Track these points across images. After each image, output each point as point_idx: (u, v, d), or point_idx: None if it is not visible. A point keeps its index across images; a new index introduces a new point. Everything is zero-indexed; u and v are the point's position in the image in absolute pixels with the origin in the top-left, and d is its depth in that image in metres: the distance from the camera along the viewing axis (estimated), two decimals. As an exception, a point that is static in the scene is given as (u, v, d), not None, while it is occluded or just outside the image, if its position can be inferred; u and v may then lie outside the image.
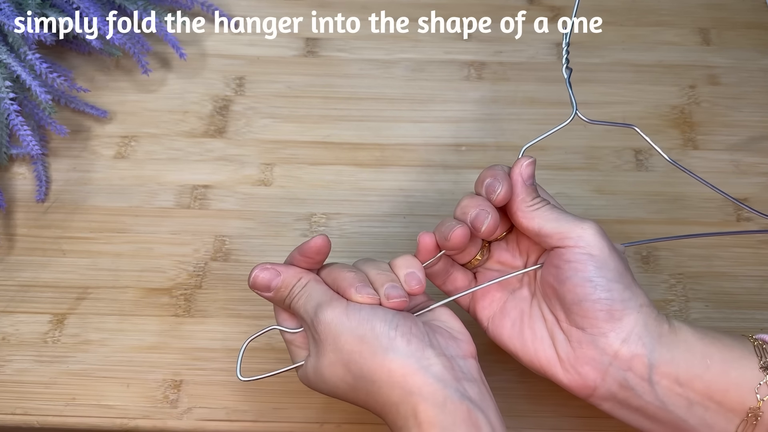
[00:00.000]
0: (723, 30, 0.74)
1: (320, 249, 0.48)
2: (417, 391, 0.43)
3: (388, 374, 0.43)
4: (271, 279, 0.48)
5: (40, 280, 0.60)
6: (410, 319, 0.46)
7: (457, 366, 0.44)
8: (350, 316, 0.45)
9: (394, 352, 0.44)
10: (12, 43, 0.63)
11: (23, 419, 0.55)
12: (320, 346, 0.46)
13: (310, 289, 0.47)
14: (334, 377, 0.45)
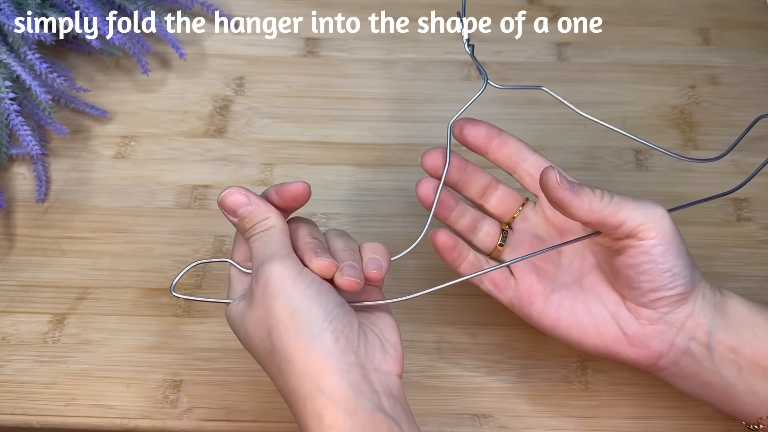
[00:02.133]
0: (723, 30, 0.74)
1: (298, 196, 0.46)
2: (329, 392, 0.41)
3: (305, 362, 0.41)
4: (239, 204, 0.46)
5: (40, 280, 0.60)
6: (349, 318, 0.43)
7: (377, 380, 0.43)
8: (295, 284, 0.43)
9: (319, 343, 0.42)
10: (12, 43, 0.63)
11: (23, 419, 0.55)
12: (254, 297, 0.44)
13: (271, 234, 0.45)
14: (255, 335, 0.44)
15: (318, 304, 0.42)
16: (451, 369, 0.56)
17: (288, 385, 0.42)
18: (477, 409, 0.55)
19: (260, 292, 0.43)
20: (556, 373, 0.56)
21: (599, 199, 0.45)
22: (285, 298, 0.42)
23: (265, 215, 0.46)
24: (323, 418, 0.41)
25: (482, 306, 0.59)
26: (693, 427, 0.54)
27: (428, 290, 0.48)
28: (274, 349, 0.43)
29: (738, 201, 0.64)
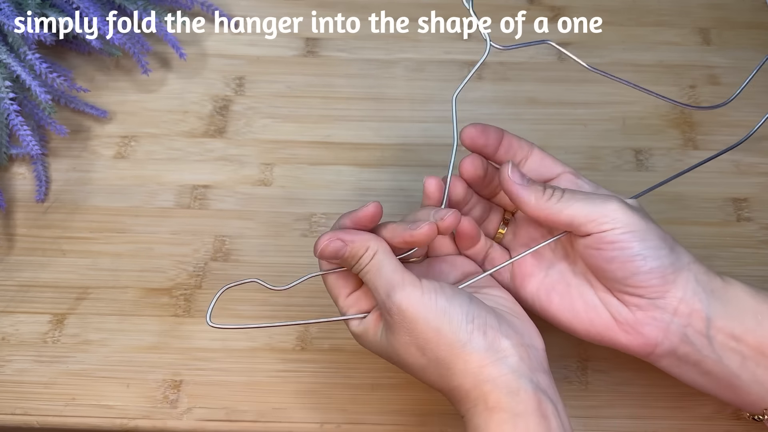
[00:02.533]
0: (723, 30, 0.74)
1: (374, 217, 0.48)
2: (491, 380, 0.43)
3: (464, 365, 0.44)
4: (338, 250, 0.46)
5: (39, 280, 0.60)
6: (484, 308, 0.45)
7: (533, 355, 0.45)
8: (426, 305, 0.44)
9: (472, 346, 0.44)
10: (12, 43, 0.63)
11: (23, 419, 0.55)
12: (393, 326, 0.45)
13: (379, 263, 0.46)
14: (407, 355, 0.45)
15: (455, 312, 0.44)
16: (451, 369, 0.56)
17: (450, 386, 0.45)
18: (477, 409, 0.54)
19: (398, 322, 0.45)
20: (556, 373, 0.56)
21: (546, 197, 0.47)
22: (423, 320, 0.44)
23: (365, 247, 0.46)
24: (488, 401, 0.43)
25: (482, 306, 0.59)
26: (693, 427, 0.54)
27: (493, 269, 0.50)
28: (429, 362, 0.45)
29: (738, 201, 0.64)
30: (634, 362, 0.56)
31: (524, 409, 0.43)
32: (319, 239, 0.47)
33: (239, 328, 0.55)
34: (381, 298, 0.45)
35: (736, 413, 0.54)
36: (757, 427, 0.53)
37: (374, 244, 0.47)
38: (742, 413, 0.49)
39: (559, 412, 0.44)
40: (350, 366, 0.56)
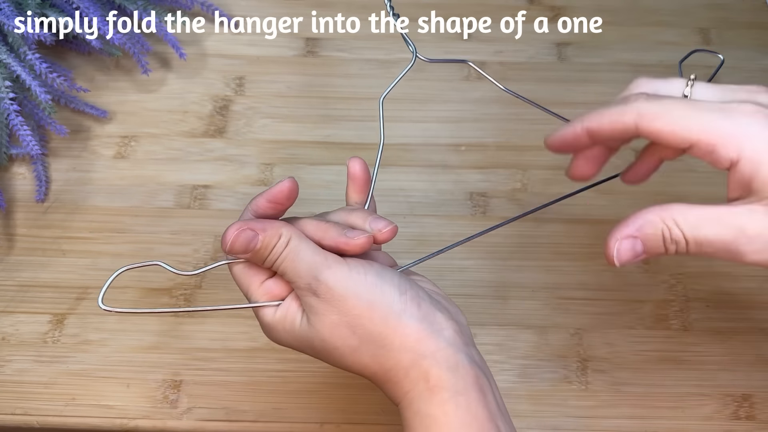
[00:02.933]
0: (723, 30, 0.74)
1: (291, 193, 0.45)
2: (430, 355, 0.42)
3: (401, 339, 0.42)
4: (249, 241, 0.44)
5: (39, 280, 0.60)
6: (414, 283, 0.44)
7: (464, 330, 0.44)
8: (356, 279, 0.43)
9: (408, 317, 0.42)
10: (12, 43, 0.63)
11: (23, 419, 0.55)
12: (318, 308, 0.43)
13: (295, 249, 0.43)
14: (335, 339, 0.43)
15: (386, 284, 0.43)
16: (451, 369, 0.56)
17: (385, 366, 0.43)
18: (477, 409, 0.54)
19: (324, 303, 0.43)
20: (556, 373, 0.56)
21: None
22: (354, 295, 0.42)
23: (277, 234, 0.44)
24: (429, 378, 0.42)
25: (482, 306, 0.59)
26: (693, 427, 0.54)
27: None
28: (361, 342, 0.43)
29: (738, 201, 0.64)
30: (634, 362, 0.56)
31: (464, 386, 0.41)
32: (227, 230, 0.44)
33: (132, 312, 0.50)
34: (305, 282, 0.43)
35: (736, 413, 0.54)
36: (760, 427, 0.53)
37: (287, 231, 0.44)
38: None
39: (492, 387, 0.43)
40: (350, 366, 0.56)
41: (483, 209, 0.64)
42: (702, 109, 0.42)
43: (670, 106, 0.43)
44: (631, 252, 0.43)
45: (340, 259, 0.44)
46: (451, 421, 0.41)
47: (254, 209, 0.46)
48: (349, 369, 0.44)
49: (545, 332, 0.58)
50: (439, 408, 0.41)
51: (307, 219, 0.46)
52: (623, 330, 0.58)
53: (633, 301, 0.59)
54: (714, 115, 0.42)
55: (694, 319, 0.58)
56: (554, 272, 0.60)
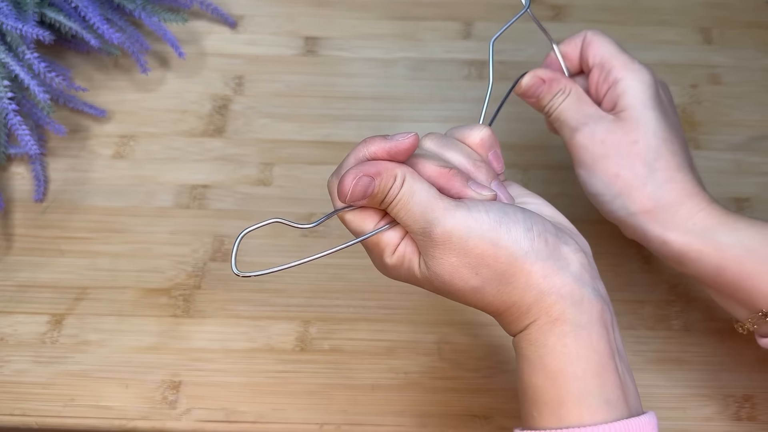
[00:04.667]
0: (724, 29, 0.74)
1: (411, 151, 0.43)
2: (555, 291, 0.41)
3: (527, 277, 0.41)
4: (366, 187, 0.42)
5: (38, 280, 0.60)
6: (539, 216, 0.43)
7: (590, 260, 0.43)
8: (478, 219, 0.41)
9: (536, 255, 0.41)
10: (10, 42, 0.62)
11: (22, 420, 0.54)
12: (436, 253, 0.42)
13: (410, 191, 0.42)
14: (455, 279, 0.42)
15: (511, 221, 0.42)
16: (452, 370, 0.56)
17: (508, 302, 0.42)
18: (477, 409, 0.54)
19: (443, 247, 0.42)
20: (557, 374, 0.56)
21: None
22: (478, 236, 0.41)
23: (393, 176, 0.42)
24: (551, 312, 0.41)
25: (482, 306, 0.59)
26: (694, 427, 0.54)
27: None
28: (484, 281, 0.42)
29: (739, 201, 0.63)
30: (635, 363, 0.56)
31: (588, 320, 0.41)
32: (345, 177, 0.42)
33: (268, 272, 0.44)
34: (419, 226, 0.42)
35: (737, 414, 0.54)
36: (761, 427, 0.53)
37: (401, 172, 0.42)
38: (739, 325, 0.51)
39: (614, 324, 0.42)
40: (350, 367, 0.56)
41: (483, 209, 0.63)
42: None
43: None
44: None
45: (455, 201, 0.42)
46: (570, 351, 0.40)
47: (371, 154, 0.43)
48: (470, 305, 0.44)
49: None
50: (559, 340, 0.41)
51: (427, 161, 0.44)
52: (624, 330, 0.57)
53: (634, 301, 0.59)
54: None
55: (695, 319, 0.58)
56: (555, 272, 0.60)
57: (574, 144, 0.51)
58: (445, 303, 0.59)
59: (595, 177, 0.50)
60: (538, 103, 0.53)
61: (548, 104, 0.53)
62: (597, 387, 0.40)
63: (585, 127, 0.51)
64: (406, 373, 0.56)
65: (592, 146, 0.50)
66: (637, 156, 0.49)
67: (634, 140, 0.49)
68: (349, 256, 0.61)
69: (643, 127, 0.50)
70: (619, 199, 0.50)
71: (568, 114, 0.52)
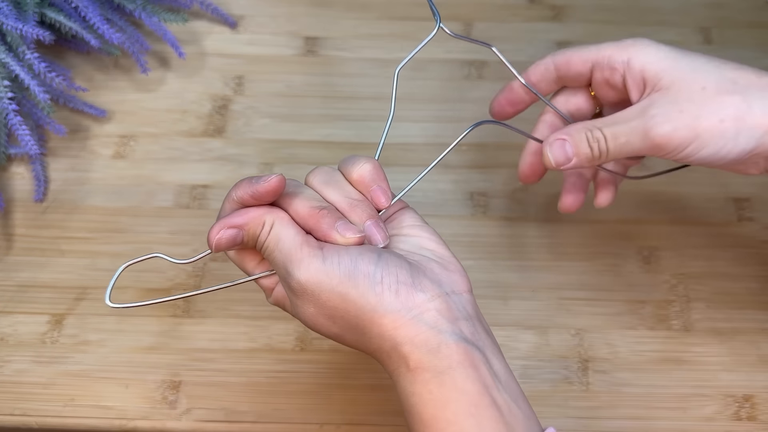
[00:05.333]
0: (724, 29, 0.74)
1: (277, 192, 0.44)
2: (408, 341, 0.41)
3: (378, 328, 0.41)
4: (233, 238, 0.44)
5: (38, 280, 0.60)
6: (395, 263, 0.42)
7: (453, 304, 0.42)
8: (329, 272, 0.42)
9: (384, 308, 0.41)
10: (10, 42, 0.62)
11: (22, 420, 0.54)
12: (297, 298, 0.43)
13: (276, 237, 0.43)
14: (319, 326, 0.43)
15: (361, 274, 0.42)
16: (452, 370, 0.56)
17: (369, 349, 0.43)
18: (477, 410, 0.54)
19: (301, 297, 0.43)
20: (557, 374, 0.56)
21: (596, 156, 0.48)
22: (327, 289, 0.42)
23: (260, 223, 0.44)
24: (408, 362, 0.41)
25: (482, 306, 0.58)
26: (693, 427, 0.54)
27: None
28: (342, 329, 0.43)
29: (740, 201, 0.63)
30: (634, 363, 0.56)
31: (448, 365, 0.40)
32: (210, 231, 0.44)
33: (137, 306, 0.49)
34: (281, 274, 0.43)
35: (737, 414, 0.54)
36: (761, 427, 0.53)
37: (270, 217, 0.44)
38: None
39: (488, 358, 0.41)
40: (350, 367, 0.56)
41: (484, 209, 0.64)
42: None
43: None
44: (562, 151, 0.48)
45: (315, 250, 0.43)
46: (436, 398, 0.40)
47: (238, 199, 0.45)
48: (342, 343, 0.45)
49: (546, 333, 0.58)
50: (423, 387, 0.41)
51: (303, 200, 0.45)
52: (624, 330, 0.57)
53: (634, 301, 0.59)
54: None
55: (695, 319, 0.58)
56: (554, 272, 0.60)
57: (657, 144, 0.46)
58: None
59: (702, 141, 0.45)
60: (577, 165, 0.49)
61: (593, 153, 0.48)
62: (474, 427, 0.40)
63: (652, 121, 0.46)
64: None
65: (676, 124, 0.45)
66: (718, 92, 0.45)
67: (702, 86, 0.46)
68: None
69: (697, 71, 0.46)
70: (741, 135, 0.45)
71: (622, 129, 0.47)
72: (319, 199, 0.45)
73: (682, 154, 0.46)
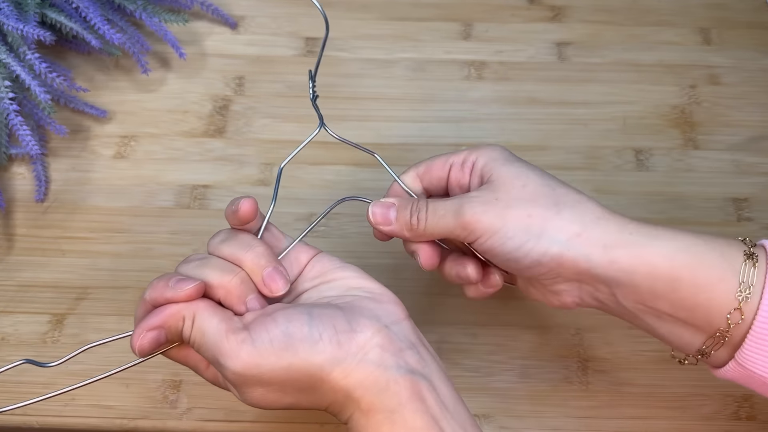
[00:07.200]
0: (723, 30, 0.74)
1: (192, 299, 0.43)
2: (359, 385, 0.41)
3: (329, 383, 0.41)
4: (155, 340, 0.44)
5: (39, 280, 0.60)
6: (328, 315, 0.42)
7: (394, 335, 0.42)
8: (263, 353, 0.41)
9: (330, 363, 0.41)
10: (11, 42, 0.63)
11: (23, 419, 0.55)
12: (240, 387, 0.43)
13: (200, 331, 0.43)
14: (271, 403, 0.43)
15: (296, 342, 0.41)
16: (452, 369, 0.56)
17: (323, 404, 0.43)
18: (477, 409, 0.54)
19: (243, 385, 0.42)
20: (557, 374, 0.56)
21: (414, 227, 0.48)
22: (269, 369, 0.41)
23: (179, 319, 0.43)
24: (361, 406, 0.41)
25: (482, 306, 0.59)
26: (693, 427, 0.54)
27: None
28: (295, 396, 0.43)
29: (738, 201, 0.64)
30: (634, 362, 0.56)
31: (398, 402, 0.41)
32: (131, 338, 0.44)
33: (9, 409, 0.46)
34: (216, 367, 0.43)
35: (737, 413, 0.54)
36: (760, 427, 0.53)
37: (188, 311, 0.43)
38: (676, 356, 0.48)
39: (435, 385, 0.42)
40: (350, 366, 0.56)
41: (483, 209, 0.64)
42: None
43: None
44: (385, 213, 0.49)
45: (241, 334, 0.42)
46: None
47: (152, 301, 0.44)
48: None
49: (546, 332, 0.58)
50: (377, 429, 0.41)
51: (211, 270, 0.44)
52: (624, 330, 0.58)
53: (633, 301, 0.59)
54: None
55: (694, 319, 0.58)
56: (554, 272, 0.60)
57: (467, 222, 0.46)
58: (445, 303, 0.59)
59: (508, 231, 0.45)
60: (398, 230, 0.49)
61: (411, 221, 0.48)
62: None
63: (467, 202, 0.46)
64: (406, 372, 0.56)
65: (487, 208, 0.46)
66: (534, 193, 0.46)
67: (523, 184, 0.46)
68: (349, 256, 0.61)
69: (523, 172, 0.47)
70: (545, 235, 0.45)
71: (442, 205, 0.47)
72: (226, 268, 0.45)
73: (488, 241, 0.46)
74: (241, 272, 0.45)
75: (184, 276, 0.44)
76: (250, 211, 0.46)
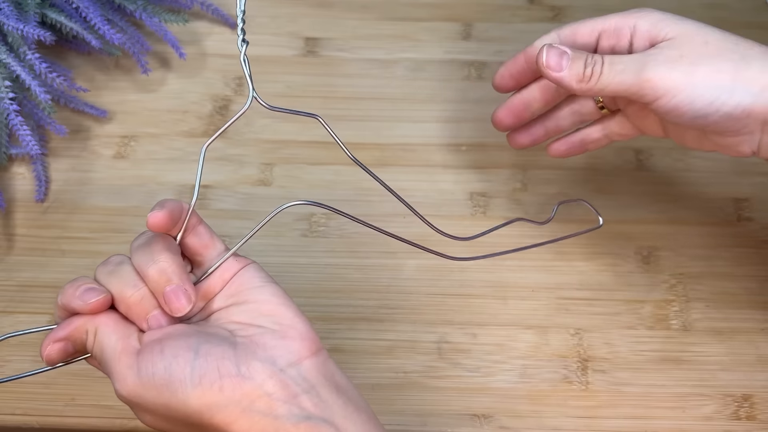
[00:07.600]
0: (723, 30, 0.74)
1: (97, 312, 0.42)
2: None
3: (215, 427, 0.39)
4: (64, 350, 0.42)
5: (39, 280, 0.60)
6: (216, 355, 0.39)
7: (289, 380, 0.39)
8: (146, 385, 0.39)
9: (210, 409, 0.39)
10: (11, 42, 0.63)
11: (23, 419, 0.55)
12: (132, 408, 0.42)
13: (99, 347, 0.42)
14: (162, 428, 0.42)
15: (176, 383, 0.39)
16: (452, 369, 0.56)
17: None
18: (477, 409, 0.54)
19: (133, 408, 0.42)
20: (557, 373, 0.56)
21: (587, 79, 0.48)
22: (151, 402, 0.40)
23: (83, 332, 0.42)
24: None
25: (482, 306, 0.59)
26: (693, 427, 0.54)
27: None
28: (186, 428, 0.41)
29: (739, 201, 0.64)
30: (634, 362, 0.56)
31: None
32: (41, 348, 0.43)
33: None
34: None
35: (737, 413, 0.54)
36: (760, 427, 0.53)
37: (91, 326, 0.42)
38: None
39: (338, 427, 0.39)
40: (350, 366, 0.56)
41: (483, 209, 0.64)
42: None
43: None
44: (557, 58, 0.48)
45: (131, 359, 0.40)
46: None
47: (62, 306, 0.43)
48: None
49: (545, 332, 0.58)
50: None
51: (119, 282, 0.43)
52: (623, 330, 0.58)
53: (633, 301, 0.59)
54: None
55: (694, 319, 0.58)
56: (554, 272, 0.60)
57: (650, 80, 0.45)
58: (445, 303, 0.59)
59: (697, 88, 0.45)
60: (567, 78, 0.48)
61: (585, 72, 0.47)
62: None
63: (652, 59, 0.46)
64: (405, 372, 0.56)
65: (674, 66, 0.45)
66: (718, 48, 0.46)
67: (704, 41, 0.46)
68: (349, 256, 0.61)
69: (701, 29, 0.47)
70: (737, 89, 0.45)
71: (621, 59, 0.47)
72: (130, 281, 0.43)
73: (673, 100, 0.45)
74: (143, 287, 0.42)
75: (92, 285, 0.43)
76: (158, 226, 0.43)
